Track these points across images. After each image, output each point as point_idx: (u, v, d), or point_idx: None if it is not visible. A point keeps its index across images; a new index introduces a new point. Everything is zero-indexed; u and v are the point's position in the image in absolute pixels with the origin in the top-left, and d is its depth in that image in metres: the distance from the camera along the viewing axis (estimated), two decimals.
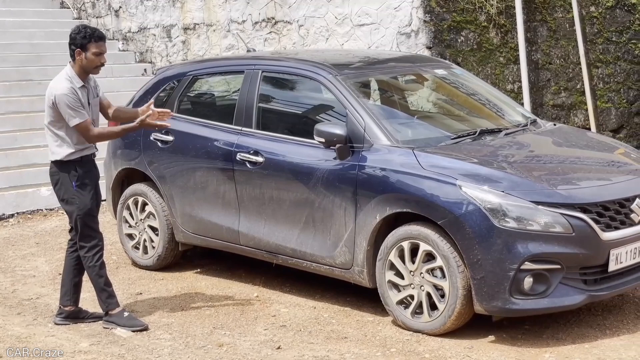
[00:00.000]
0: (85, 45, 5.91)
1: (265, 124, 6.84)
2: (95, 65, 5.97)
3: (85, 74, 5.99)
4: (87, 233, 6.04)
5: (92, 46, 5.92)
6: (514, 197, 5.51)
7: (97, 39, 5.94)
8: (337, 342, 5.80)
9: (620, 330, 5.85)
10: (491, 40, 10.60)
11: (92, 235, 6.06)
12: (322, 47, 10.97)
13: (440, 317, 5.73)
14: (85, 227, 6.03)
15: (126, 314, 6.13)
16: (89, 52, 5.91)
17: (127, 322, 6.07)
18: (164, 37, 13.09)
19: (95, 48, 5.93)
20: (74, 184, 5.99)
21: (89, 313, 6.31)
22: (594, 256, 5.58)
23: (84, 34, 5.92)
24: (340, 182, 6.14)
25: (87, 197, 6.01)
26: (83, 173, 6.02)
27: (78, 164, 6.01)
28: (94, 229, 6.08)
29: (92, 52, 5.92)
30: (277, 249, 6.62)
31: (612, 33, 11.71)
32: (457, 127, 6.88)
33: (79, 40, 5.92)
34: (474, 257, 5.51)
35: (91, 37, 5.91)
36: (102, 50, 5.96)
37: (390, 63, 7.43)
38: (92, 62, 5.94)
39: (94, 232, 6.07)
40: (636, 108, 11.89)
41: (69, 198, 6.03)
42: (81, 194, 6.00)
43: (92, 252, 6.05)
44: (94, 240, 6.06)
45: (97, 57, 5.94)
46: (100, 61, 5.96)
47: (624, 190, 5.80)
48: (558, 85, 11.17)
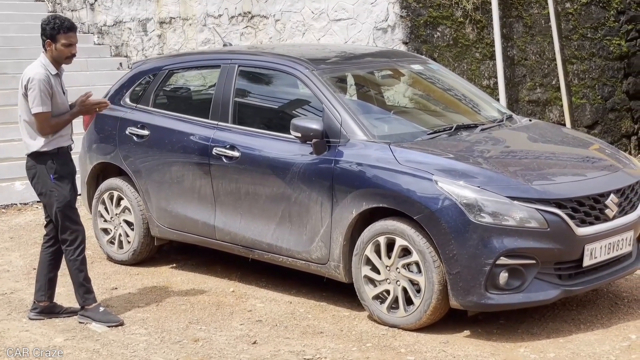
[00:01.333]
0: (55, 36, 5.90)
1: (242, 118, 6.83)
2: (66, 56, 5.97)
3: (57, 63, 5.98)
4: (68, 226, 6.00)
5: (62, 37, 5.91)
6: (489, 192, 5.53)
7: (67, 30, 5.92)
8: (313, 337, 5.80)
9: (594, 324, 5.89)
10: (467, 36, 10.63)
11: (73, 229, 6.01)
12: (299, 41, 10.95)
13: (416, 312, 5.74)
14: (65, 220, 5.98)
15: (102, 309, 6.09)
16: (59, 43, 5.91)
17: (102, 317, 6.03)
18: (139, 31, 13.03)
19: (65, 39, 5.92)
20: (52, 177, 5.95)
21: (63, 308, 6.27)
22: (568, 251, 5.62)
23: (53, 24, 5.90)
24: (316, 177, 6.14)
25: (65, 189, 5.97)
26: (60, 165, 5.98)
27: (54, 156, 5.97)
28: (75, 222, 6.02)
29: (62, 43, 5.91)
30: (253, 243, 6.61)
31: (587, 29, 11.78)
32: (433, 122, 6.90)
33: (49, 31, 5.91)
34: (449, 252, 5.53)
35: (60, 28, 5.90)
36: (71, 41, 5.94)
37: (366, 58, 7.44)
38: (62, 52, 5.94)
39: (75, 224, 6.02)
40: (611, 104, 11.97)
41: (47, 191, 5.98)
42: (59, 186, 5.96)
43: (73, 246, 6.00)
44: (74, 233, 6.01)
45: (66, 48, 5.93)
46: (70, 52, 5.95)
47: (599, 186, 5.83)
48: (533, 81, 11.22)
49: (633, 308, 6.19)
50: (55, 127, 5.94)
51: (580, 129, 11.35)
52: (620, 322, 5.92)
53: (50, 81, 5.89)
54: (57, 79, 5.98)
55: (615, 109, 12.02)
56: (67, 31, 5.92)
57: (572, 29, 11.61)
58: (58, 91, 5.96)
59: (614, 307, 6.22)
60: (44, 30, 5.94)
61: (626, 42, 12.13)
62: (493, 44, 10.69)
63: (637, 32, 12.11)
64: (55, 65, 5.98)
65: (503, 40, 10.76)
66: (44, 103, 5.85)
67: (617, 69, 12.06)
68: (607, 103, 11.95)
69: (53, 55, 5.94)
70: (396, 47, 10.00)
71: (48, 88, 5.87)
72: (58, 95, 5.96)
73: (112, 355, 5.53)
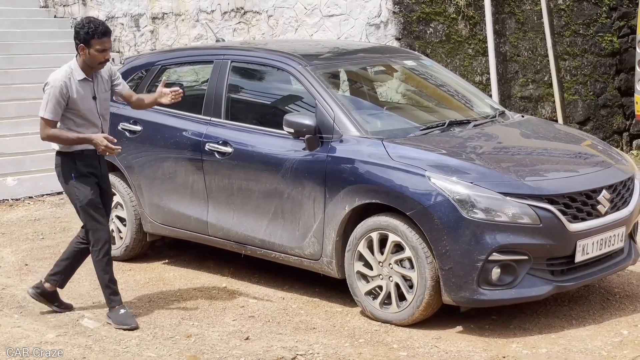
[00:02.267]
0: (89, 41, 5.71)
1: (234, 114, 6.82)
2: (99, 62, 5.78)
3: (89, 68, 5.82)
4: (91, 225, 5.90)
5: (96, 42, 5.71)
6: (482, 188, 5.54)
7: (101, 35, 5.72)
8: (305, 332, 5.80)
9: (586, 320, 5.91)
10: (460, 32, 10.64)
11: (96, 228, 5.90)
12: (291, 37, 10.95)
13: (409, 308, 5.75)
14: (88, 219, 5.90)
15: (122, 311, 5.96)
16: (92, 48, 5.72)
17: (119, 319, 5.93)
18: (132, 27, 13.00)
19: (99, 44, 5.72)
20: (73, 176, 5.86)
21: (61, 302, 6.23)
22: (560, 247, 5.63)
23: (87, 29, 5.70)
24: (309, 172, 6.13)
25: (86, 188, 5.85)
26: (83, 165, 5.86)
27: (78, 157, 5.85)
28: (97, 221, 5.90)
29: (96, 48, 5.72)
30: (246, 239, 6.61)
31: (580, 26, 11.80)
32: (426, 118, 6.90)
33: (82, 35, 5.71)
34: (442, 248, 5.54)
35: (94, 33, 5.70)
36: (105, 46, 5.74)
37: (359, 54, 7.43)
38: (96, 58, 5.75)
39: (97, 224, 5.90)
40: (603, 101, 11.99)
41: (69, 190, 5.93)
42: (81, 185, 5.85)
43: (97, 247, 5.91)
44: (97, 233, 5.90)
45: (100, 53, 5.73)
46: (104, 57, 5.76)
47: (591, 182, 5.84)
48: (526, 78, 11.24)
49: (625, 304, 6.20)
50: (52, 137, 5.81)
51: (572, 125, 11.37)
52: (612, 317, 5.94)
53: (68, 89, 5.73)
54: (85, 83, 5.81)
55: (607, 105, 12.05)
56: (101, 36, 5.72)
57: (564, 25, 11.63)
58: (83, 97, 5.79)
59: (606, 302, 6.24)
60: (78, 34, 5.74)
61: (618, 38, 12.16)
62: (486, 40, 10.69)
63: (629, 28, 12.14)
64: (87, 70, 5.81)
65: (495, 37, 10.77)
66: (50, 110, 5.73)
67: (609, 65, 12.09)
68: (599, 99, 11.97)
69: (86, 60, 5.76)
70: (389, 43, 10.00)
71: (62, 97, 5.73)
72: (82, 101, 5.80)
73: (105, 351, 5.52)
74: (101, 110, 5.92)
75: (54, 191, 10.11)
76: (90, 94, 5.85)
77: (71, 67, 5.82)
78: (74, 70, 5.80)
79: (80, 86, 5.80)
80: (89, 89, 5.85)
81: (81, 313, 6.22)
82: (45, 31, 13.34)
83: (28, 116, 11.11)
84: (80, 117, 5.82)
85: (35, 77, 11.91)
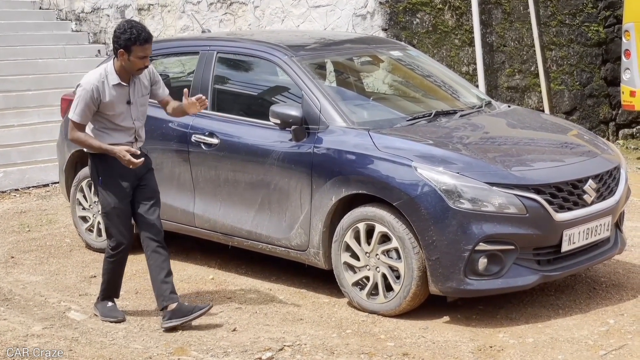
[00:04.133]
0: (130, 47, 5.47)
1: (221, 105, 6.80)
2: (138, 68, 5.57)
3: (126, 73, 5.61)
4: (112, 232, 5.74)
5: (138, 49, 5.48)
6: (468, 178, 5.54)
7: (143, 42, 5.49)
8: (293, 323, 5.80)
9: (572, 309, 5.93)
10: (446, 22, 10.63)
11: (116, 237, 5.72)
12: (278, 28, 10.92)
13: (396, 298, 5.75)
14: (109, 226, 5.73)
15: (110, 304, 5.92)
16: (133, 54, 5.49)
17: (106, 312, 5.89)
18: (118, 18, 12.93)
19: (141, 51, 5.50)
20: (100, 180, 5.71)
21: (192, 306, 5.78)
22: (547, 237, 5.64)
23: (129, 35, 5.46)
24: (295, 163, 6.13)
25: (110, 195, 5.66)
26: (109, 169, 5.66)
27: (105, 160, 5.66)
28: (119, 230, 5.71)
29: (137, 55, 5.50)
30: (233, 231, 6.60)
31: (566, 16, 11.81)
32: (412, 108, 6.90)
33: (123, 41, 5.48)
34: (429, 238, 5.54)
35: (137, 40, 5.46)
36: (146, 53, 5.53)
37: (346, 44, 7.42)
38: (135, 64, 5.54)
39: (118, 233, 5.71)
40: (589, 90, 12.02)
41: (98, 192, 5.78)
42: (105, 192, 5.69)
43: (114, 251, 5.75)
44: (117, 240, 5.73)
45: (140, 60, 5.52)
46: (143, 64, 5.56)
47: (577, 172, 5.86)
48: (512, 68, 11.25)
49: (611, 293, 6.23)
50: (77, 141, 5.63)
51: (559, 115, 11.39)
52: (598, 307, 5.96)
53: (100, 94, 5.53)
54: (120, 88, 5.59)
55: (594, 95, 12.08)
56: (143, 43, 5.48)
57: (550, 15, 11.64)
58: (116, 102, 5.59)
59: (592, 292, 6.26)
60: (118, 39, 5.49)
61: (604, 28, 12.18)
62: (472, 30, 10.69)
63: (615, 18, 12.16)
64: (123, 75, 5.59)
65: (482, 27, 10.77)
66: (78, 113, 5.54)
67: (595, 55, 12.11)
68: (586, 89, 11.99)
69: (124, 65, 5.54)
70: (375, 33, 9.99)
71: (92, 102, 5.53)
72: (114, 106, 5.59)
73: (91, 343, 5.51)
74: (136, 115, 5.71)
75: (40, 183, 10.07)
76: (125, 98, 5.63)
77: (106, 70, 5.60)
78: (108, 74, 5.58)
79: (115, 90, 5.58)
80: (124, 93, 5.63)
81: (67, 305, 6.20)
82: (31, 22, 13.27)
83: (14, 108, 11.08)
84: (112, 121, 5.65)
85: (21, 69, 11.87)
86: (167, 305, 5.68)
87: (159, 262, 5.72)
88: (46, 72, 12.07)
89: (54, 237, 8.01)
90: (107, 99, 5.57)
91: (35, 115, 11.07)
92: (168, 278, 5.71)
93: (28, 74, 11.79)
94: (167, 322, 5.68)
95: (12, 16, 13.23)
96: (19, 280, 6.79)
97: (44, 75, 11.92)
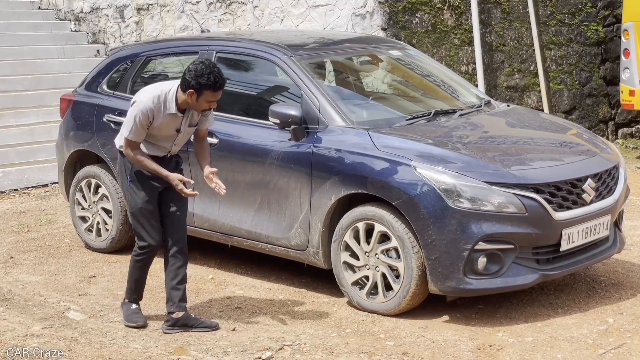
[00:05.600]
0: (202, 91, 5.32)
1: (220, 105, 6.75)
2: (204, 110, 5.46)
3: (187, 106, 5.46)
4: (139, 233, 5.66)
5: (209, 95, 5.35)
6: (468, 177, 5.55)
7: (218, 89, 5.34)
8: (292, 323, 5.80)
9: (571, 308, 5.93)
10: (446, 22, 10.63)
11: (144, 238, 5.64)
12: (277, 28, 10.92)
13: (395, 298, 5.75)
14: (136, 226, 5.66)
15: (133, 306, 5.83)
16: (203, 98, 5.35)
17: (128, 316, 5.81)
18: (117, 18, 12.94)
19: (212, 97, 5.36)
20: (128, 178, 5.65)
21: (199, 321, 5.73)
22: (546, 236, 5.65)
23: (207, 79, 5.29)
24: (295, 163, 6.13)
25: (139, 195, 5.59)
26: (139, 170, 5.60)
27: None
28: (146, 230, 5.62)
29: (207, 99, 5.36)
30: (232, 230, 6.60)
31: (565, 15, 11.81)
32: (411, 108, 6.90)
33: (197, 84, 5.30)
34: (428, 238, 5.54)
35: (212, 87, 5.31)
36: (216, 98, 5.40)
37: (345, 44, 7.43)
38: (201, 106, 5.41)
39: (146, 234, 5.62)
40: (588, 90, 12.02)
41: (124, 192, 5.75)
42: (133, 191, 5.61)
43: (141, 251, 5.68)
44: (145, 241, 5.64)
45: (208, 103, 5.40)
46: (209, 106, 5.44)
47: (576, 171, 5.86)
48: (512, 67, 11.25)
49: (610, 292, 6.23)
50: (134, 160, 5.52)
51: (558, 114, 11.40)
52: (597, 305, 5.96)
53: (154, 118, 5.42)
54: (174, 117, 5.47)
55: (593, 94, 12.08)
56: (217, 89, 5.34)
57: (549, 15, 11.64)
58: (165, 128, 5.49)
59: (592, 291, 6.26)
60: (192, 80, 5.31)
61: (603, 27, 12.18)
62: (471, 29, 10.69)
63: (614, 17, 12.16)
64: (183, 107, 5.45)
65: (481, 26, 10.77)
66: (133, 133, 5.43)
67: (594, 54, 12.11)
68: (585, 88, 12.00)
69: (189, 102, 5.39)
70: (375, 33, 9.99)
71: (146, 123, 5.42)
72: (163, 131, 5.51)
73: (91, 343, 5.51)
74: (179, 141, 5.65)
75: (39, 183, 10.07)
76: (176, 127, 5.53)
77: (167, 96, 5.43)
78: (168, 101, 5.43)
79: (169, 118, 5.47)
80: (177, 122, 5.52)
81: (67, 305, 6.20)
82: (30, 22, 13.27)
83: (12, 108, 11.07)
84: (154, 139, 5.58)
85: (20, 69, 11.87)
86: (173, 312, 5.68)
87: (175, 268, 5.70)
88: (45, 72, 12.06)
89: (53, 237, 8.00)
90: (159, 123, 5.48)
91: (34, 116, 11.06)
92: (181, 285, 5.69)
93: (26, 74, 11.79)
94: (169, 329, 5.67)
95: (11, 16, 13.22)
96: (19, 280, 6.79)
97: (42, 75, 11.92)
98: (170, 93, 5.45)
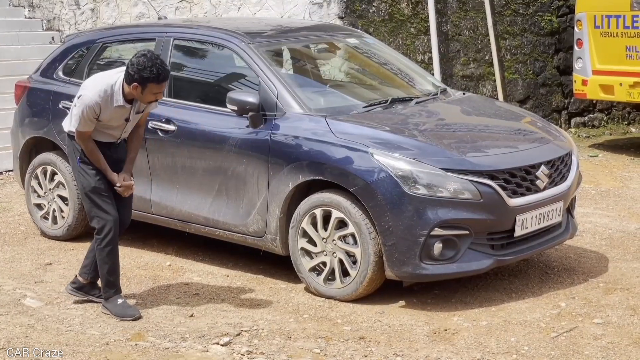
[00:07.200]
0: (146, 84, 5.33)
1: (177, 92, 6.79)
2: (149, 101, 5.47)
3: (134, 97, 5.47)
4: (94, 213, 5.62)
5: (154, 87, 5.36)
6: (424, 164, 5.61)
7: (161, 81, 5.34)
8: (250, 309, 5.83)
9: (525, 293, 6.03)
10: (402, 11, 10.69)
11: (100, 216, 5.60)
12: (234, 16, 10.89)
13: (352, 284, 5.80)
14: (91, 207, 5.62)
15: (120, 301, 5.74)
16: (147, 90, 5.35)
17: (118, 310, 5.71)
18: (72, 5, 12.80)
19: (156, 89, 5.38)
20: (78, 159, 5.63)
21: (99, 292, 5.87)
22: (501, 222, 5.73)
23: (149, 72, 5.28)
24: (253, 150, 6.14)
25: (90, 174, 5.58)
26: None
27: None
28: (103, 209, 5.59)
29: (151, 91, 5.37)
30: (190, 217, 6.60)
31: (520, 5, 11.93)
32: (368, 95, 6.95)
33: (140, 77, 5.30)
34: (385, 224, 5.59)
35: (155, 80, 5.31)
36: (161, 90, 5.43)
37: (302, 32, 7.44)
38: (147, 98, 5.42)
39: (101, 212, 5.59)
40: (542, 79, 12.16)
41: (74, 174, 5.74)
42: (84, 171, 5.61)
43: (101, 235, 5.64)
44: (101, 221, 5.60)
45: (153, 95, 5.41)
46: (155, 98, 5.45)
47: (530, 158, 5.95)
48: (467, 57, 11.35)
49: (563, 277, 6.34)
50: (86, 149, 5.55)
51: (513, 103, 11.52)
52: (550, 290, 6.07)
53: (101, 111, 5.42)
54: (122, 108, 5.48)
55: (547, 84, 12.23)
56: (161, 82, 5.34)
57: (504, 5, 11.76)
58: (114, 119, 5.52)
59: (544, 276, 6.37)
60: (136, 74, 5.30)
61: (557, 17, 12.32)
62: (428, 19, 10.77)
63: (568, 7, 12.31)
64: (129, 98, 5.46)
65: (437, 16, 10.85)
66: (86, 123, 5.44)
67: (548, 44, 12.25)
68: (539, 78, 12.14)
69: (135, 95, 5.40)
70: (332, 21, 10.01)
71: (93, 116, 5.42)
72: (111, 121, 5.53)
73: (47, 330, 5.48)
74: (127, 128, 5.68)
75: None
76: (124, 117, 5.56)
77: (113, 89, 5.43)
78: (115, 93, 5.43)
79: (117, 110, 5.49)
80: (125, 113, 5.54)
81: (23, 293, 6.16)
82: None
83: None
84: (105, 127, 5.57)
85: None
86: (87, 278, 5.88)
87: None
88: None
89: (8, 224, 7.94)
90: (107, 115, 5.48)
91: None
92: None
93: None
94: (74, 291, 5.94)
95: None
96: None
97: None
98: (116, 85, 5.45)
